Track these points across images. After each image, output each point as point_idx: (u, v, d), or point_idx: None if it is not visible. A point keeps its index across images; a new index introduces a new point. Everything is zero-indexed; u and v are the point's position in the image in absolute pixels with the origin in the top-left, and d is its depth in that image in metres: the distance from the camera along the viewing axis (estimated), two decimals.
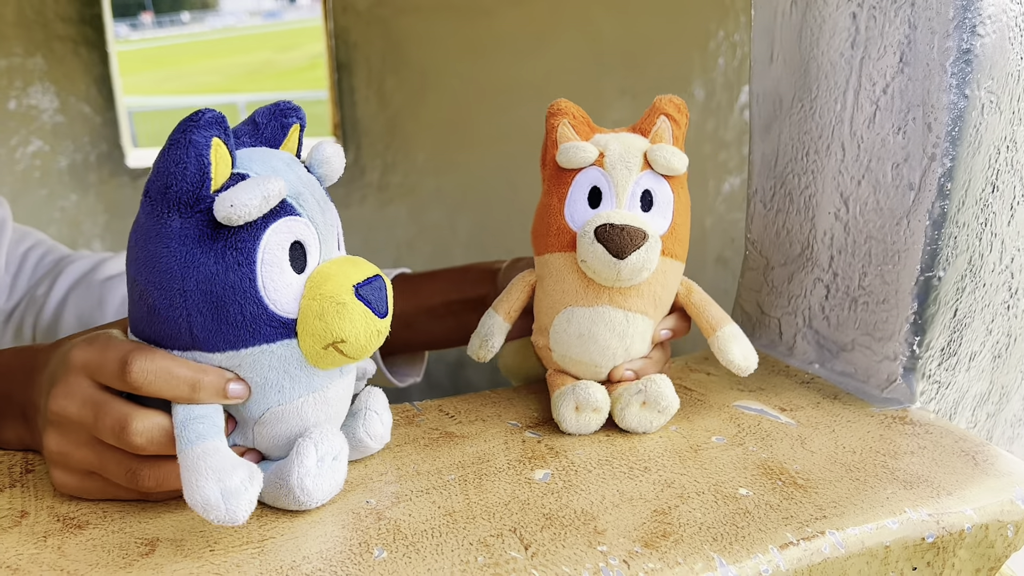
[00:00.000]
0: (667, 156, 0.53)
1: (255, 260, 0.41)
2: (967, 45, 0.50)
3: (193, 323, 0.41)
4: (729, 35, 1.83)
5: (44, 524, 0.45)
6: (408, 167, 1.98)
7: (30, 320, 0.72)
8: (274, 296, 0.41)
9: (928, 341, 0.56)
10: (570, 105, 0.56)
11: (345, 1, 1.88)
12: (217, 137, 0.40)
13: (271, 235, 0.41)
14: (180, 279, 0.41)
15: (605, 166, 0.53)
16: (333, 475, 0.45)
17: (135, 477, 0.43)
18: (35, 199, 1.84)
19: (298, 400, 0.44)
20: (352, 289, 0.42)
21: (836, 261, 0.61)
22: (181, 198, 0.40)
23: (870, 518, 0.44)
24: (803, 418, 0.56)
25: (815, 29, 0.59)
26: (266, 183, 0.40)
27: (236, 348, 0.42)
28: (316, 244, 0.43)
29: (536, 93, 1.93)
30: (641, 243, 0.50)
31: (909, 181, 0.54)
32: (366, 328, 0.42)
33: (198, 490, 0.39)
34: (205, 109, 0.40)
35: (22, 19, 1.76)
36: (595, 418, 0.54)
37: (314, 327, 0.42)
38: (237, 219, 0.39)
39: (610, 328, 0.54)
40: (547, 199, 0.55)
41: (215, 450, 0.41)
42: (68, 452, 0.45)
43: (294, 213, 0.42)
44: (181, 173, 0.39)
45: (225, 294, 0.41)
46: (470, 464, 0.50)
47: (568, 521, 0.44)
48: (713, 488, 0.47)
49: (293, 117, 0.46)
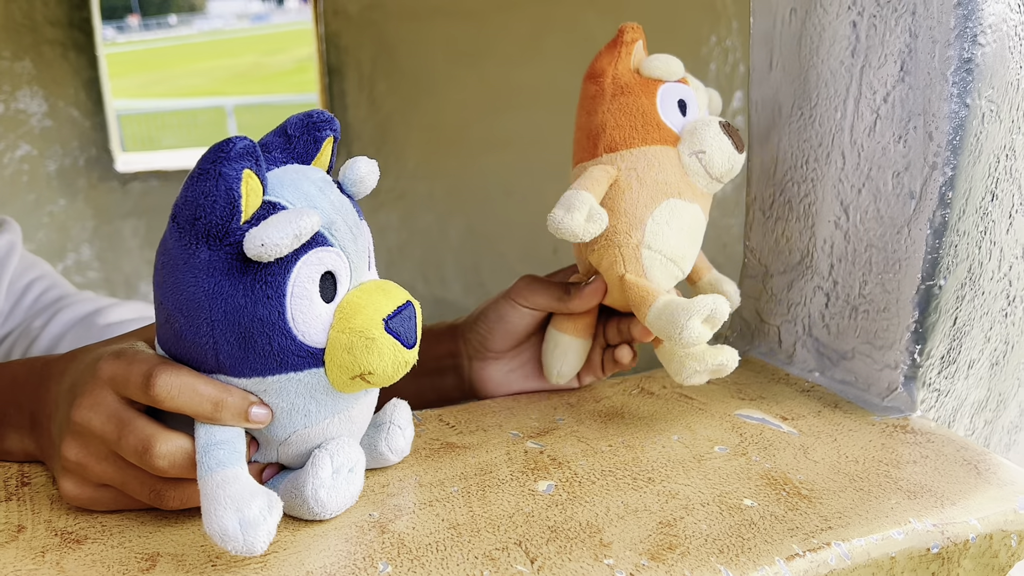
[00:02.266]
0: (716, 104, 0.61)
1: (285, 293, 0.40)
2: (968, 54, 0.50)
3: (220, 351, 0.41)
4: (721, 40, 1.84)
5: (42, 539, 0.44)
6: (399, 172, 1.98)
7: (19, 351, 0.71)
8: (303, 328, 0.41)
9: (929, 349, 0.56)
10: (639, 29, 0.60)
11: (336, 5, 1.87)
12: (248, 168, 0.38)
13: (302, 267, 0.40)
14: (208, 310, 0.40)
15: (692, 86, 0.58)
16: (348, 487, 0.45)
17: (159, 497, 0.43)
18: (23, 204, 1.82)
19: (324, 422, 0.44)
20: (382, 324, 0.41)
21: (836, 269, 0.61)
22: (210, 231, 0.39)
23: (875, 529, 0.44)
24: (805, 427, 0.56)
25: (815, 37, 0.59)
26: (299, 219, 0.38)
27: (262, 375, 0.41)
28: (347, 273, 0.42)
29: (527, 98, 1.93)
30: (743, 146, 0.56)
31: (910, 190, 0.54)
32: (394, 360, 0.41)
33: (216, 520, 0.39)
34: (236, 138, 0.39)
35: (10, 23, 1.74)
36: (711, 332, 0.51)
37: (342, 360, 0.41)
38: (268, 257, 0.38)
39: (700, 229, 0.57)
40: (632, 101, 0.56)
41: (235, 478, 0.40)
42: (87, 464, 0.44)
43: (326, 244, 0.41)
44: (210, 206, 0.38)
45: (253, 326, 0.40)
46: (473, 475, 0.50)
47: (573, 534, 0.44)
48: (717, 499, 0.47)
49: (327, 130, 0.45)
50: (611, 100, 0.57)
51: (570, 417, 0.58)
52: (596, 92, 0.58)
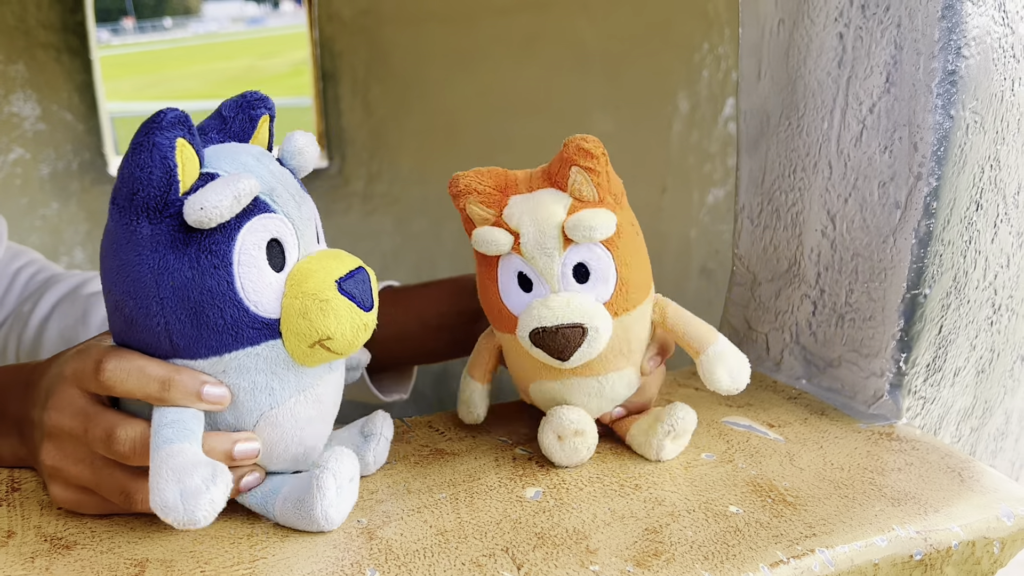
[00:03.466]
0: (588, 230, 0.47)
1: (231, 262, 0.40)
2: (952, 66, 0.51)
3: (172, 331, 0.40)
4: (713, 48, 1.85)
5: (31, 544, 0.44)
6: (393, 176, 1.98)
7: (14, 337, 0.72)
8: (254, 297, 0.40)
9: (914, 358, 0.57)
10: (471, 178, 0.50)
11: (330, 10, 1.88)
12: (182, 137, 0.38)
13: (246, 235, 0.40)
14: (155, 287, 0.39)
15: (523, 254, 0.48)
16: (351, 496, 0.46)
17: (128, 499, 0.43)
18: (16, 208, 1.82)
19: (289, 401, 0.43)
20: (335, 285, 0.41)
21: (823, 278, 0.61)
22: (149, 203, 0.39)
23: (859, 536, 0.45)
24: (791, 434, 0.56)
25: (802, 48, 0.60)
26: (237, 182, 0.38)
27: (219, 353, 0.41)
28: (294, 240, 0.42)
29: (521, 103, 1.93)
30: (580, 341, 0.47)
31: (895, 199, 0.55)
32: (352, 323, 0.41)
33: (158, 492, 0.38)
34: (167, 109, 0.38)
35: (3, 26, 1.74)
36: (581, 442, 0.51)
37: (298, 326, 0.41)
38: (209, 221, 0.38)
39: (585, 393, 0.51)
40: (481, 279, 0.52)
41: (179, 452, 0.39)
42: (63, 467, 0.44)
43: (268, 210, 0.41)
44: (147, 178, 0.38)
45: (203, 299, 0.39)
46: (461, 482, 0.50)
47: (560, 540, 0.44)
48: (704, 506, 0.47)
49: (261, 108, 0.44)
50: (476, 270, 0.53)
51: None
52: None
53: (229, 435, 0.42)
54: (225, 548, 0.44)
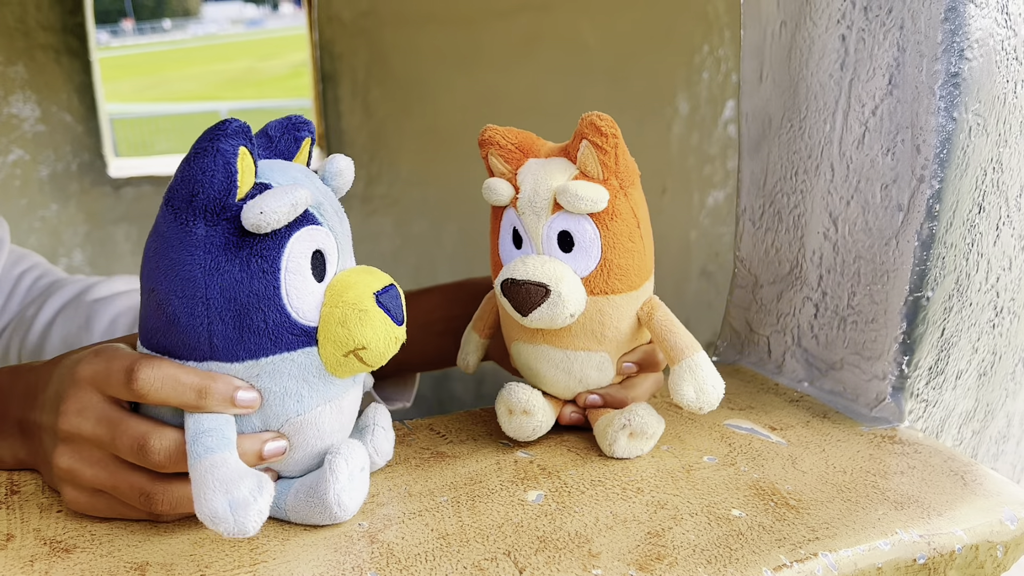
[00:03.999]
0: (573, 198, 0.48)
1: (279, 268, 0.41)
2: (955, 69, 0.51)
3: (214, 332, 0.41)
4: (714, 50, 1.85)
5: (31, 548, 0.44)
6: (393, 178, 1.98)
7: (16, 341, 0.72)
8: (297, 304, 0.42)
9: (916, 360, 0.56)
10: (499, 132, 0.52)
11: (330, 12, 1.87)
12: (244, 146, 0.40)
13: (295, 243, 0.42)
14: (204, 287, 0.41)
15: (518, 208, 0.50)
16: (363, 486, 0.46)
17: (149, 500, 0.43)
18: (15, 209, 1.82)
19: (316, 410, 0.44)
20: (373, 297, 0.42)
21: (825, 280, 0.61)
22: (208, 206, 0.40)
23: (862, 539, 0.45)
24: (793, 437, 0.56)
25: (804, 50, 0.60)
26: (293, 191, 0.40)
27: (256, 357, 0.42)
28: (335, 253, 0.44)
29: (521, 104, 1.93)
30: (541, 300, 0.48)
31: (898, 202, 0.55)
32: (386, 335, 0.43)
33: (206, 503, 0.39)
34: (231, 119, 0.40)
35: (3, 28, 1.74)
36: (526, 420, 0.53)
37: (336, 334, 0.42)
38: (266, 226, 0.40)
39: (554, 365, 0.53)
40: (491, 231, 0.54)
41: (223, 462, 0.40)
42: (79, 470, 0.44)
43: (315, 222, 0.43)
44: (209, 181, 0.40)
45: (249, 302, 0.41)
46: (462, 485, 0.50)
47: (562, 544, 0.44)
48: (706, 509, 0.47)
49: (305, 131, 0.47)
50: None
51: (559, 427, 0.58)
52: None
53: (258, 436, 0.43)
54: (226, 551, 0.43)
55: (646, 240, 0.52)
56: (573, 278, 0.49)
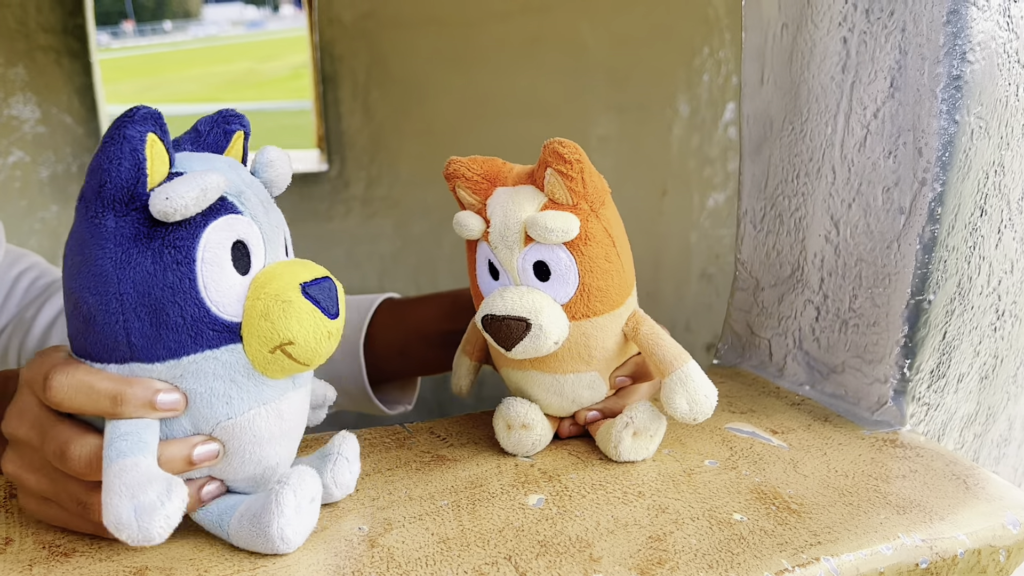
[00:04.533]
0: (543, 231, 0.47)
1: (195, 259, 0.39)
2: (957, 72, 0.51)
3: (131, 329, 0.39)
4: (714, 52, 1.85)
5: (29, 552, 0.44)
6: (393, 180, 1.98)
7: (16, 343, 0.71)
8: (216, 297, 0.39)
9: (918, 364, 0.56)
10: (462, 163, 0.51)
11: (331, 14, 1.87)
12: (152, 132, 0.38)
13: (211, 233, 0.39)
14: (116, 281, 0.39)
15: (490, 242, 0.50)
16: (310, 518, 0.44)
17: (85, 510, 0.42)
18: (15, 210, 1.81)
19: (248, 412, 0.41)
20: (299, 287, 0.40)
21: (827, 283, 0.61)
22: (116, 195, 0.38)
23: (864, 544, 0.44)
24: (795, 441, 0.56)
25: (806, 52, 0.60)
26: (204, 177, 0.38)
27: (177, 356, 0.40)
28: (260, 244, 0.41)
29: (521, 107, 1.93)
30: (523, 335, 0.48)
31: (900, 205, 0.55)
32: (315, 328, 0.40)
33: (111, 508, 0.37)
34: (139, 105, 0.38)
35: (3, 29, 1.74)
36: (526, 435, 0.53)
37: (259, 328, 0.40)
38: (173, 213, 0.37)
39: (544, 389, 0.52)
40: (469, 264, 0.53)
41: (133, 466, 0.38)
42: (23, 477, 0.43)
43: (235, 211, 0.40)
44: (115, 169, 0.38)
45: (164, 296, 0.39)
46: (463, 489, 0.50)
47: (563, 548, 0.44)
48: (707, 513, 0.47)
49: (236, 124, 0.45)
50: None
51: None
52: None
53: (187, 440, 0.41)
54: (225, 555, 0.43)
55: (623, 256, 0.51)
56: (553, 307, 0.49)
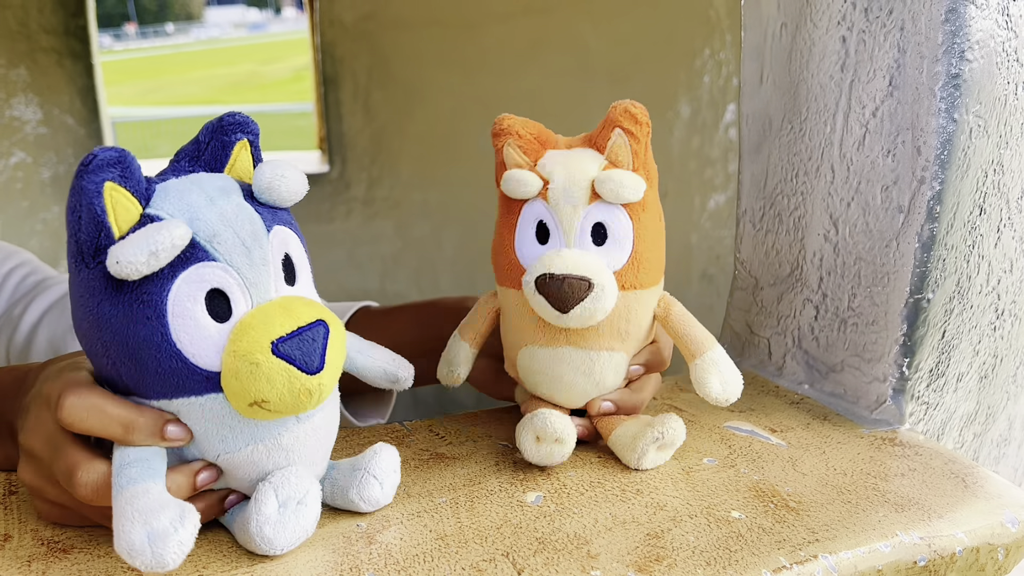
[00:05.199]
0: (617, 186, 0.47)
1: (165, 312, 0.38)
2: (956, 70, 0.51)
3: (121, 372, 0.39)
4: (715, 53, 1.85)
5: (28, 548, 0.44)
6: (394, 181, 1.98)
7: (4, 340, 0.71)
8: (192, 349, 0.38)
9: (917, 363, 0.56)
10: (516, 121, 0.50)
11: (332, 15, 1.88)
12: (111, 180, 0.36)
13: (181, 285, 0.38)
14: (97, 331, 0.39)
15: (549, 200, 0.48)
16: (298, 521, 0.42)
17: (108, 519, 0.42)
18: (17, 211, 1.82)
19: (246, 449, 0.41)
20: (269, 346, 0.38)
21: (826, 282, 0.61)
22: (82, 248, 0.38)
23: (862, 541, 0.44)
24: (793, 439, 0.56)
25: (805, 52, 0.60)
26: (157, 233, 0.36)
27: (169, 397, 0.39)
28: (241, 290, 0.39)
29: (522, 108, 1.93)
30: (584, 295, 0.46)
31: (898, 204, 0.55)
32: (289, 388, 0.38)
33: (123, 535, 0.36)
34: (100, 149, 0.37)
35: (5, 30, 1.74)
36: (558, 449, 0.50)
37: (232, 386, 0.38)
38: (128, 276, 0.36)
39: (573, 368, 0.50)
40: (499, 227, 0.51)
41: (144, 492, 0.38)
42: (42, 486, 0.44)
43: (208, 258, 0.38)
44: (76, 222, 0.37)
45: (140, 347, 0.38)
46: (461, 486, 0.50)
47: (561, 545, 0.44)
48: (705, 511, 0.47)
49: (237, 133, 0.42)
50: (496, 222, 0.51)
51: None
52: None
53: (189, 467, 0.41)
54: (224, 552, 0.43)
55: (663, 235, 0.52)
56: (609, 272, 0.48)
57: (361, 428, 0.62)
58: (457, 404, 1.99)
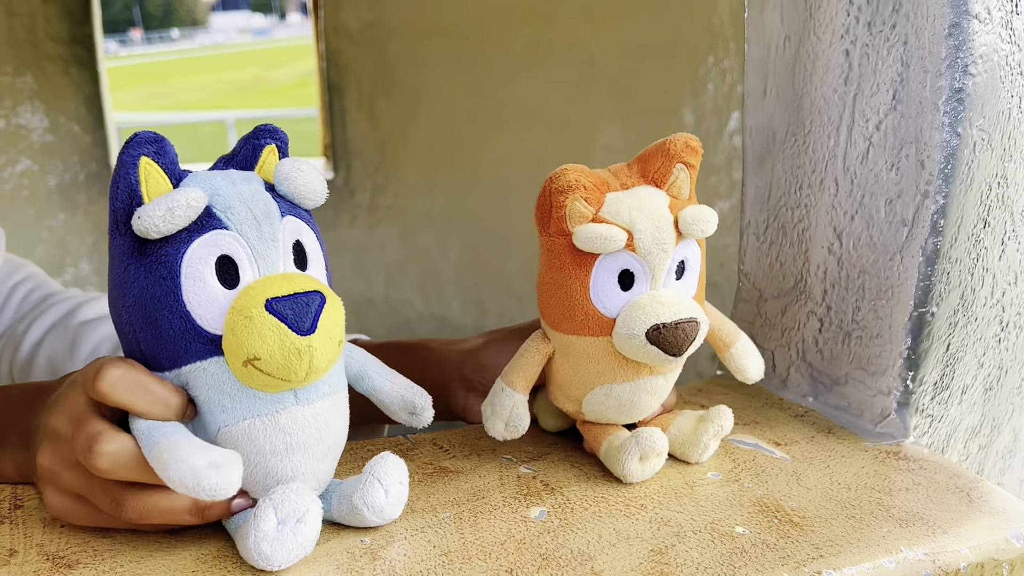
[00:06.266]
0: (705, 225, 0.48)
1: (179, 273, 0.41)
2: (959, 84, 0.51)
3: (140, 339, 0.42)
4: (719, 61, 1.85)
5: (34, 563, 0.44)
6: (398, 188, 1.98)
7: (7, 356, 0.72)
8: (199, 311, 0.41)
9: (921, 376, 0.56)
10: (577, 174, 0.48)
11: (337, 23, 1.88)
12: (146, 155, 0.41)
13: (195, 248, 0.41)
14: (123, 295, 0.42)
15: (638, 250, 0.47)
16: (296, 539, 0.42)
17: (119, 506, 0.42)
18: (23, 219, 1.82)
19: (243, 423, 0.42)
20: (263, 302, 0.40)
21: (829, 295, 0.61)
22: (117, 216, 0.42)
23: (867, 557, 0.44)
24: (798, 453, 0.56)
25: (808, 65, 0.60)
26: (175, 196, 0.40)
27: (178, 365, 0.42)
28: (248, 259, 0.42)
29: (527, 116, 1.94)
30: (695, 334, 0.47)
31: (902, 217, 0.55)
32: (280, 345, 0.39)
33: (185, 462, 0.39)
34: (140, 131, 0.41)
35: (13, 39, 1.75)
36: (658, 463, 0.52)
37: (228, 342, 0.41)
38: (145, 231, 0.40)
39: (651, 392, 0.52)
40: (562, 278, 0.49)
41: (187, 439, 0.41)
42: (57, 471, 0.44)
43: (221, 227, 0.41)
44: (115, 192, 0.41)
45: (155, 308, 0.41)
46: (465, 501, 0.50)
47: (565, 561, 0.44)
48: (710, 526, 0.47)
49: (266, 139, 0.46)
50: (547, 271, 0.50)
51: (563, 442, 0.58)
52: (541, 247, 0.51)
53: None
54: (228, 568, 0.43)
55: None
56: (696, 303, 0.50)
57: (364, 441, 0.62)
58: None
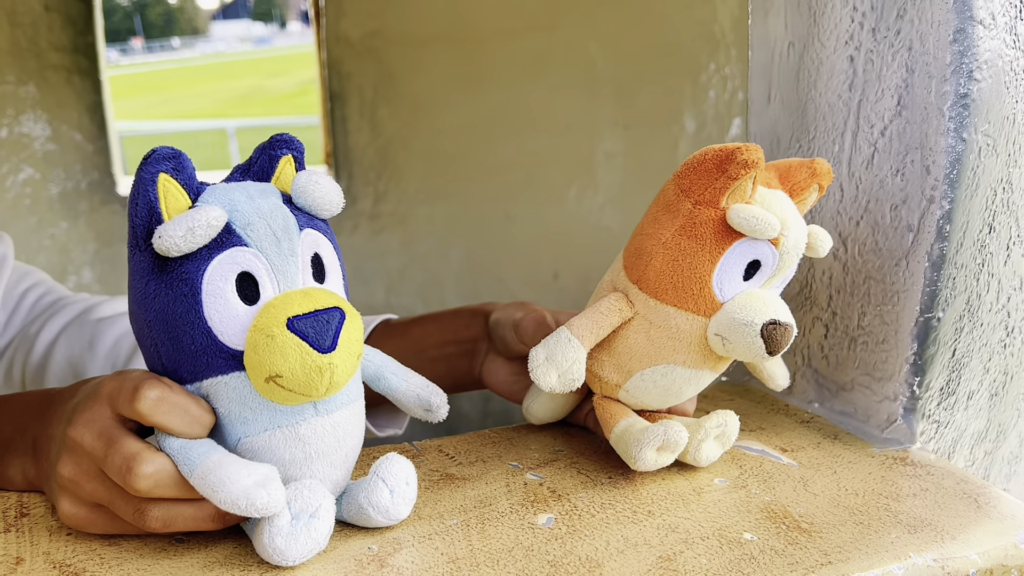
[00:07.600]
0: (826, 246, 0.50)
1: (200, 290, 0.41)
2: (964, 90, 0.51)
3: (162, 353, 0.43)
4: (720, 68, 1.85)
5: (40, 571, 0.44)
6: (400, 196, 1.98)
7: (20, 359, 0.72)
8: (220, 327, 0.41)
9: (928, 381, 0.56)
10: (760, 155, 0.47)
11: (338, 31, 1.89)
12: (164, 172, 0.41)
13: (216, 266, 0.41)
14: (144, 310, 0.43)
15: (780, 249, 0.48)
16: (310, 533, 0.43)
17: (143, 516, 0.43)
18: (25, 227, 1.83)
19: (264, 434, 0.43)
20: (284, 321, 0.40)
21: (835, 301, 0.61)
22: (137, 232, 0.42)
23: (875, 564, 0.44)
24: (804, 459, 0.56)
25: (813, 71, 0.60)
26: (195, 215, 0.40)
27: (199, 379, 0.43)
28: (268, 275, 0.42)
29: (528, 124, 1.94)
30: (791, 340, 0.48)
31: (908, 223, 0.55)
32: (302, 363, 0.40)
33: (235, 483, 0.40)
34: (160, 146, 0.42)
35: (15, 48, 1.76)
36: (670, 458, 0.52)
37: (250, 360, 0.41)
38: (167, 250, 0.40)
39: (697, 386, 0.53)
40: (694, 248, 0.48)
41: (225, 457, 0.42)
42: (79, 482, 0.44)
43: (241, 243, 0.42)
44: (134, 209, 0.42)
45: (177, 324, 0.42)
46: (472, 508, 0.50)
47: (573, 569, 0.44)
48: (717, 533, 0.47)
49: (283, 149, 0.46)
50: (674, 235, 0.49)
51: (570, 448, 0.58)
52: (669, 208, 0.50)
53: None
54: (235, 574, 0.43)
55: None
56: None
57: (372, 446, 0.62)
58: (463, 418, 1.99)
